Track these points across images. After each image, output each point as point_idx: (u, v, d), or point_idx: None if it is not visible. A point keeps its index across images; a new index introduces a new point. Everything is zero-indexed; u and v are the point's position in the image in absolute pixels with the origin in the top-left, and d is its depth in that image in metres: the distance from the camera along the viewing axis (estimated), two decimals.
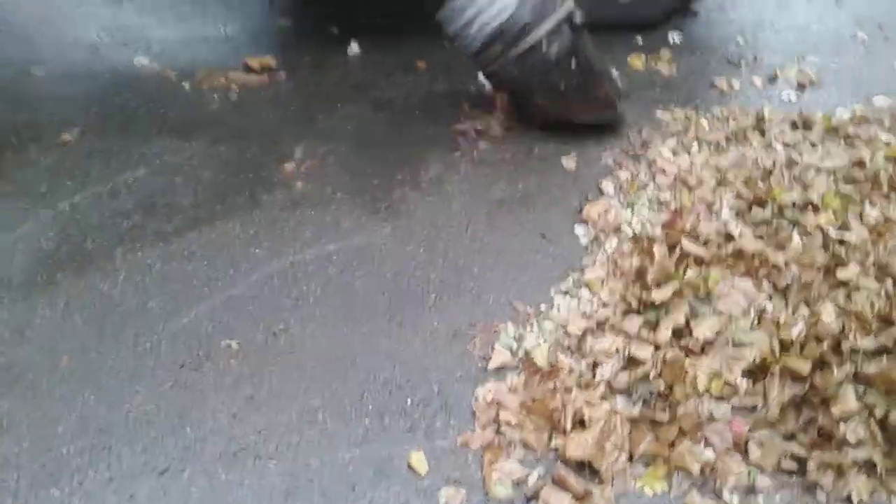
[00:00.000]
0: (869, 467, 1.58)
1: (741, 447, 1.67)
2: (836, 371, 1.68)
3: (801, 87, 3.28)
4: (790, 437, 1.66)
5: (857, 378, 1.67)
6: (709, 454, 1.65)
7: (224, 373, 1.87)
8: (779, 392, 1.69)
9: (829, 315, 1.80)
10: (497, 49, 2.60)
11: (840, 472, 1.58)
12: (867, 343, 1.72)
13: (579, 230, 2.37)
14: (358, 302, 2.09)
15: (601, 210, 2.42)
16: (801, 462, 1.62)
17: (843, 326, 1.79)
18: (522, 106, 2.86)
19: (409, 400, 1.81)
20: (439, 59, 3.45)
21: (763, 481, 1.61)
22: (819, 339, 1.78)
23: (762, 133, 2.82)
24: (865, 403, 1.63)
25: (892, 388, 1.64)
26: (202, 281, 2.15)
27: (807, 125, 2.88)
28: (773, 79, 3.32)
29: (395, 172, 2.65)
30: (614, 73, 2.93)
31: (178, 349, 1.93)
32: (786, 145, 2.74)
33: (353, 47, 3.56)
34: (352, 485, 1.62)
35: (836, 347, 1.75)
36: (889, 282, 1.93)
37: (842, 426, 1.61)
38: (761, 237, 2.16)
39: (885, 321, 1.80)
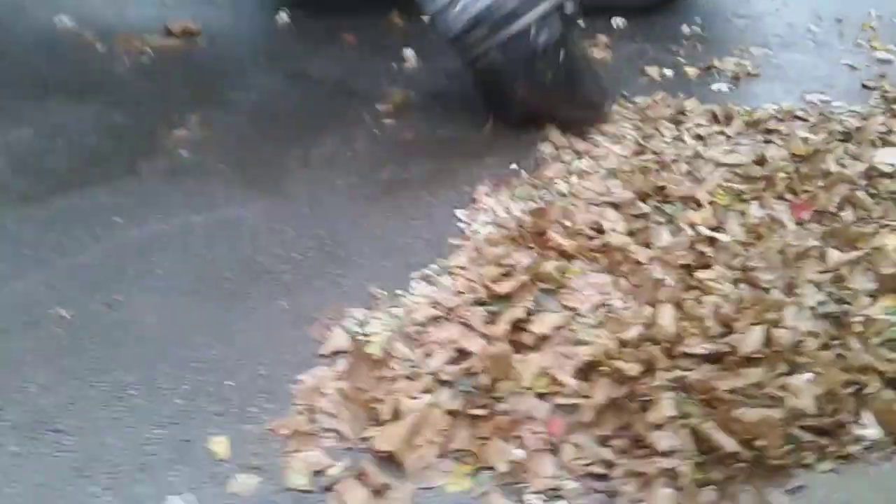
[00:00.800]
0: (676, 478, 1.50)
1: (555, 448, 1.59)
2: (657, 376, 1.60)
3: (735, 79, 3.17)
4: (605, 441, 1.58)
5: (679, 384, 1.59)
6: (519, 453, 1.58)
7: (46, 341, 1.81)
8: (599, 394, 1.61)
9: (665, 317, 1.72)
10: (480, 33, 2.43)
11: (645, 481, 1.50)
12: (698, 349, 1.64)
13: (460, 215, 2.28)
14: (207, 277, 2.02)
15: (484, 197, 2.33)
16: (611, 468, 1.55)
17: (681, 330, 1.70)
18: (500, 98, 2.65)
19: (228, 382, 1.74)
20: (370, 36, 3.36)
21: (568, 486, 1.54)
22: (655, 342, 1.70)
23: (676, 124, 2.71)
24: (682, 411, 1.55)
25: (711, 397, 1.56)
26: (51, 246, 2.08)
27: (727, 119, 2.78)
28: (707, 69, 3.21)
29: (288, 147, 2.57)
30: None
31: (5, 314, 1.87)
32: (698, 138, 2.64)
33: (283, 16, 3.47)
34: (143, 466, 1.55)
35: (669, 351, 1.67)
36: (745, 287, 1.84)
37: (655, 433, 1.53)
38: (632, 232, 2.07)
39: (726, 328, 1.71)
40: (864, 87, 3.11)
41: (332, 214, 2.27)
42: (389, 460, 1.59)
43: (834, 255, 2.00)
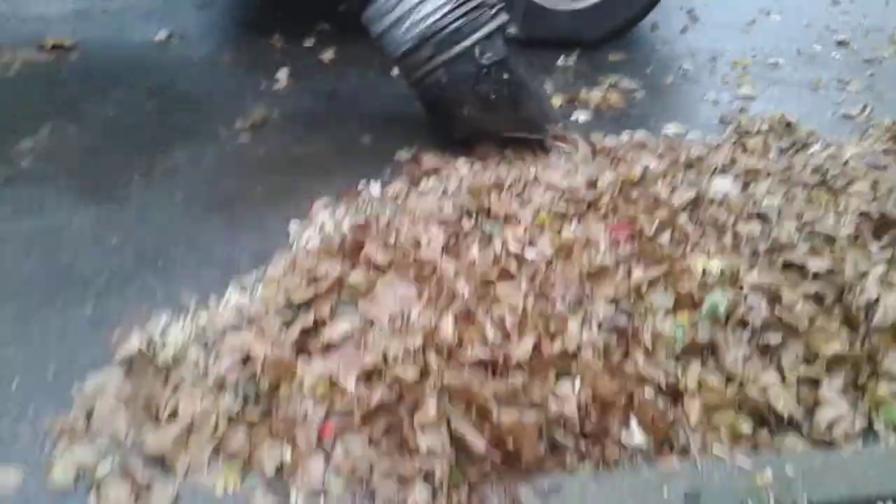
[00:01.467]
0: (433, 478, 1.53)
1: (326, 451, 1.61)
2: (430, 381, 1.63)
3: (598, 109, 3.27)
4: (373, 443, 1.61)
5: (445, 389, 1.62)
6: (287, 455, 1.59)
7: None
8: (374, 398, 1.64)
9: (446, 326, 1.76)
10: (426, 52, 2.48)
11: (402, 481, 1.53)
12: (473, 356, 1.68)
13: (292, 229, 2.31)
14: (17, 282, 2.01)
15: (321, 211, 2.37)
16: (372, 469, 1.57)
17: (461, 339, 1.74)
18: (445, 116, 2.68)
19: (12, 384, 1.73)
20: (250, 55, 3.40)
21: (336, 486, 1.55)
22: (437, 350, 1.73)
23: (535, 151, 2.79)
24: (444, 413, 1.58)
25: (473, 402, 1.60)
26: None
27: (574, 146, 2.86)
28: (571, 100, 3.31)
29: (133, 159, 2.58)
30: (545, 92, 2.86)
31: None
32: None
33: (161, 34, 3.50)
34: None
35: (448, 358, 1.71)
36: (541, 300, 1.90)
37: (418, 434, 1.56)
38: (446, 248, 2.12)
39: (506, 337, 1.76)
40: (721, 121, 3.22)
41: (162, 225, 2.28)
42: (160, 461, 1.59)
43: (637, 273, 2.06)
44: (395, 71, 3.38)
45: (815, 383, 1.84)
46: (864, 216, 2.34)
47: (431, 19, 2.43)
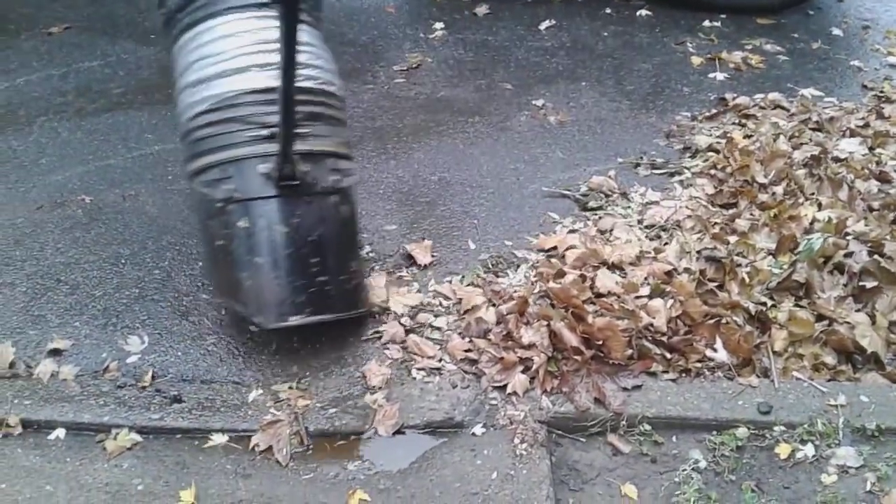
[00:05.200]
0: (531, 366, 1.79)
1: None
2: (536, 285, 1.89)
3: (737, 69, 3.35)
4: (484, 334, 1.89)
5: (547, 293, 1.88)
6: None
7: (67, 218, 2.26)
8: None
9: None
10: (183, 153, 1.93)
11: (506, 366, 1.80)
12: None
13: None
14: None
15: None
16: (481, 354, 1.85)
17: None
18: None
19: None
20: (412, 6, 3.72)
21: (448, 366, 1.85)
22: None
23: None
24: (545, 314, 1.84)
25: (572, 305, 1.84)
26: (91, 150, 2.55)
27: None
28: (712, 59, 3.40)
29: None
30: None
31: (43, 194, 2.34)
32: None
33: None
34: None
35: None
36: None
37: (522, 329, 1.83)
38: None
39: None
40: (863, 87, 3.22)
41: None
42: None
43: (745, 215, 2.22)
44: (545, 24, 3.61)
45: None
46: None
47: (186, 114, 1.83)
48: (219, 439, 1.67)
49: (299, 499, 1.55)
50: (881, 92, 3.14)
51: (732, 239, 2.16)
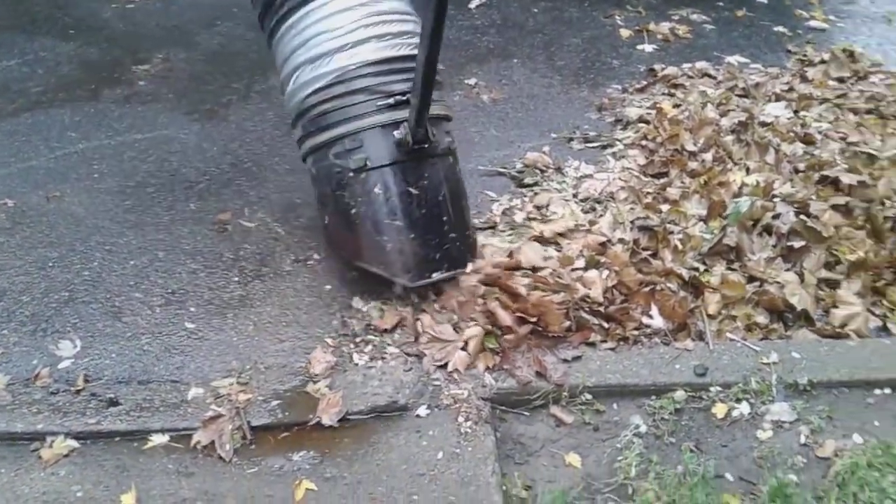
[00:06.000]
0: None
1: None
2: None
3: (665, 40, 3.39)
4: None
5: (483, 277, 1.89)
6: None
7: None
8: None
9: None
10: (298, 132, 1.98)
11: (444, 346, 1.80)
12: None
13: None
14: (135, 182, 2.37)
15: None
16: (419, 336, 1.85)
17: None
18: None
19: (129, 263, 2.09)
20: None
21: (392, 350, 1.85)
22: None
23: None
24: (481, 294, 1.84)
25: (507, 284, 1.85)
26: (12, 152, 2.47)
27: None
28: (640, 31, 3.44)
29: (233, 82, 2.91)
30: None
31: None
32: None
33: None
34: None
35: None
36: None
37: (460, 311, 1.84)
38: None
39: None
40: (787, 52, 3.29)
41: (256, 139, 2.60)
42: None
43: (676, 183, 2.26)
44: (475, 3, 3.60)
45: (834, 286, 1.99)
46: None
47: (304, 92, 1.88)
48: (159, 439, 1.64)
49: (244, 493, 1.53)
50: (804, 56, 3.22)
51: (665, 208, 2.19)
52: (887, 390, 1.76)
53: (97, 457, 1.60)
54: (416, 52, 1.69)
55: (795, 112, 2.67)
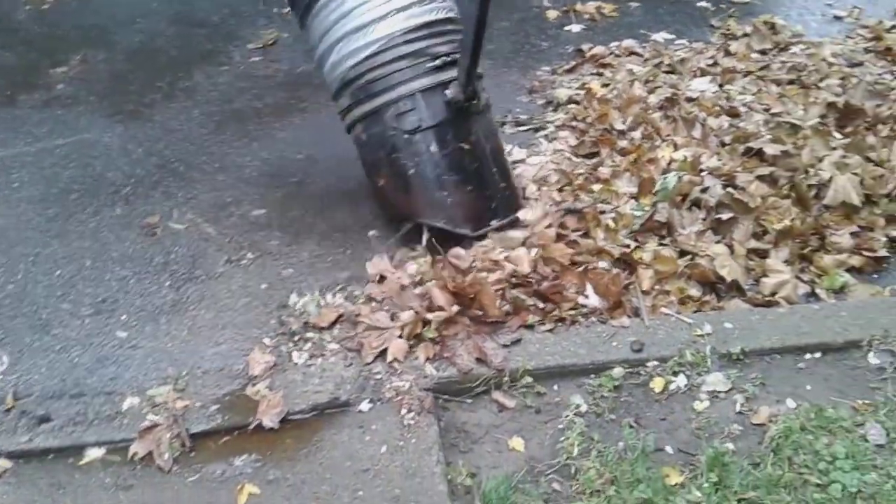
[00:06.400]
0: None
1: None
2: None
3: (592, 20, 3.41)
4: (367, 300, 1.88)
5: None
6: None
7: None
8: None
9: None
10: (344, 101, 2.02)
11: (381, 333, 1.79)
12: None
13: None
14: (56, 190, 2.30)
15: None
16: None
17: None
18: (369, 180, 2.12)
19: (55, 273, 2.03)
20: None
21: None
22: None
23: None
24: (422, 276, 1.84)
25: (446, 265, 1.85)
26: None
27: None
28: (566, 11, 3.45)
29: (156, 81, 2.83)
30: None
31: None
32: None
33: None
34: None
35: None
36: None
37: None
38: None
39: None
40: (711, 26, 3.34)
41: (182, 138, 2.54)
42: None
43: (607, 162, 2.28)
44: None
45: (763, 255, 2.04)
46: (830, 107, 2.48)
47: (350, 62, 1.94)
48: (95, 453, 1.60)
49: (185, 503, 1.50)
50: (727, 30, 3.26)
51: (597, 188, 2.21)
52: (817, 354, 1.80)
53: (31, 475, 1.56)
54: (452, 14, 1.85)
55: (720, 86, 2.72)
